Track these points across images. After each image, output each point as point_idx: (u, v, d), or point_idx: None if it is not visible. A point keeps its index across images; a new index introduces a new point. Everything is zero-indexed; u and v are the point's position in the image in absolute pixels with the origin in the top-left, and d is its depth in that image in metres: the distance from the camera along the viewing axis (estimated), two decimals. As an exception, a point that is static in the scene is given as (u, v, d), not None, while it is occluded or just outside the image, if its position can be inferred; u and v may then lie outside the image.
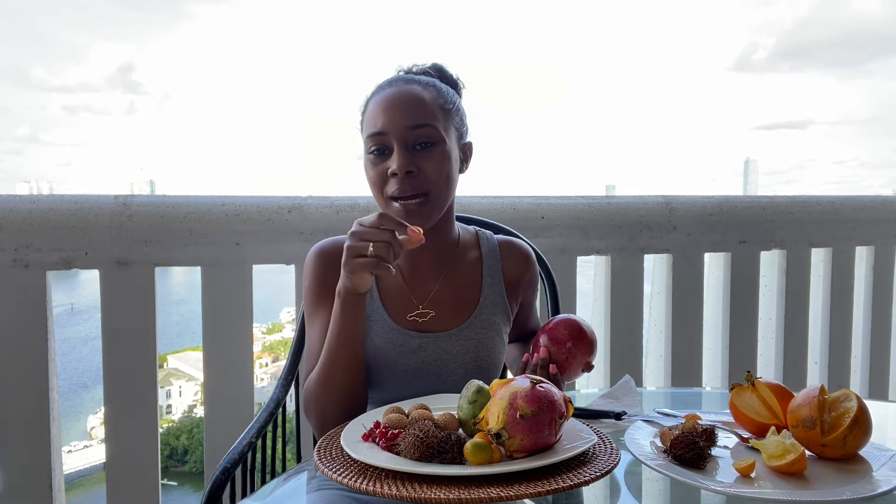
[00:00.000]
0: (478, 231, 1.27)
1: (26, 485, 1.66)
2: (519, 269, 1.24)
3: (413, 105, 1.08)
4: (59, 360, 1.73)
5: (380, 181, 1.09)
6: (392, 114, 1.07)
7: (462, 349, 1.15)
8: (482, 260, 1.22)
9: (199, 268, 1.76)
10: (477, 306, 1.18)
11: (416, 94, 1.09)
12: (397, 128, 1.07)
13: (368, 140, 1.09)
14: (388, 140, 1.07)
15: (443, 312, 1.17)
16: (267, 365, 18.86)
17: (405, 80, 1.12)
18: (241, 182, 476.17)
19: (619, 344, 2.11)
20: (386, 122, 1.07)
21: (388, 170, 1.07)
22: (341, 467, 0.80)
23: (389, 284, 1.18)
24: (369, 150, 1.09)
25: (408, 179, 1.06)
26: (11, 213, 1.63)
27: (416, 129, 1.07)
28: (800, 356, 2.35)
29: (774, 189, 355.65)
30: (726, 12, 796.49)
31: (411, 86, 1.11)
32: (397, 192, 1.07)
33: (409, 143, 1.07)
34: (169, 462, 15.90)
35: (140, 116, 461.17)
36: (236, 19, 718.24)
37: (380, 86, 1.13)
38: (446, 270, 1.19)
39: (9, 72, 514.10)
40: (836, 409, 0.87)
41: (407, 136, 1.07)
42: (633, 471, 0.90)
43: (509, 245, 1.26)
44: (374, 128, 1.08)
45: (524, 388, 0.81)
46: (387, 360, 1.13)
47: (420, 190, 1.07)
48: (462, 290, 1.19)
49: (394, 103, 1.08)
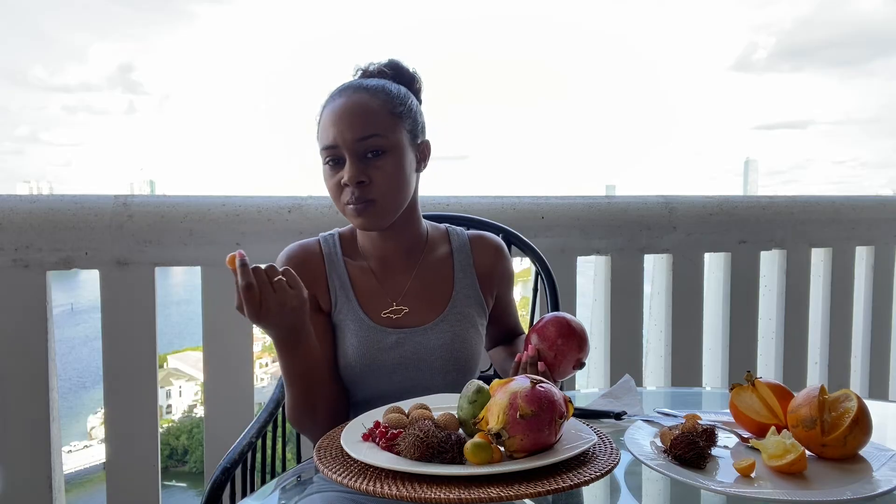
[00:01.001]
0: (448, 227, 1.29)
1: (26, 485, 1.66)
2: (490, 261, 1.26)
3: (360, 116, 1.10)
4: (59, 360, 1.73)
5: (335, 190, 1.12)
6: (341, 126, 1.10)
7: (438, 342, 1.16)
8: (453, 254, 1.24)
9: (199, 268, 1.76)
10: (450, 300, 1.20)
11: (364, 104, 1.11)
12: (346, 141, 1.09)
13: (323, 152, 1.12)
14: (340, 152, 1.10)
15: (417, 308, 1.19)
16: (267, 365, 18.85)
17: (354, 89, 1.13)
18: (241, 182, 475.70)
19: (619, 344, 2.11)
20: (335, 135, 1.10)
21: (341, 180, 1.10)
22: (341, 467, 0.80)
23: (363, 284, 1.19)
24: (325, 160, 1.12)
25: (359, 188, 1.09)
26: (11, 213, 1.63)
27: (364, 141, 1.09)
28: (800, 356, 2.35)
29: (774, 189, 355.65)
30: (726, 12, 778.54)
31: (359, 94, 1.12)
32: (351, 200, 1.10)
33: (360, 153, 1.10)
34: (169, 462, 15.89)
35: (140, 116, 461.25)
36: (237, 19, 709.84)
37: (331, 95, 1.15)
38: (417, 266, 1.21)
39: (8, 71, 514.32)
40: (836, 409, 0.87)
41: (356, 147, 1.09)
42: (633, 471, 0.90)
43: (480, 239, 1.28)
44: (326, 140, 1.11)
45: (524, 388, 0.81)
46: (365, 358, 1.14)
47: (371, 196, 1.10)
48: (434, 284, 1.21)
49: (342, 115, 1.10)
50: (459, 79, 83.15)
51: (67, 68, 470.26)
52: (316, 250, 1.21)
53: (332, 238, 1.23)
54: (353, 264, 1.20)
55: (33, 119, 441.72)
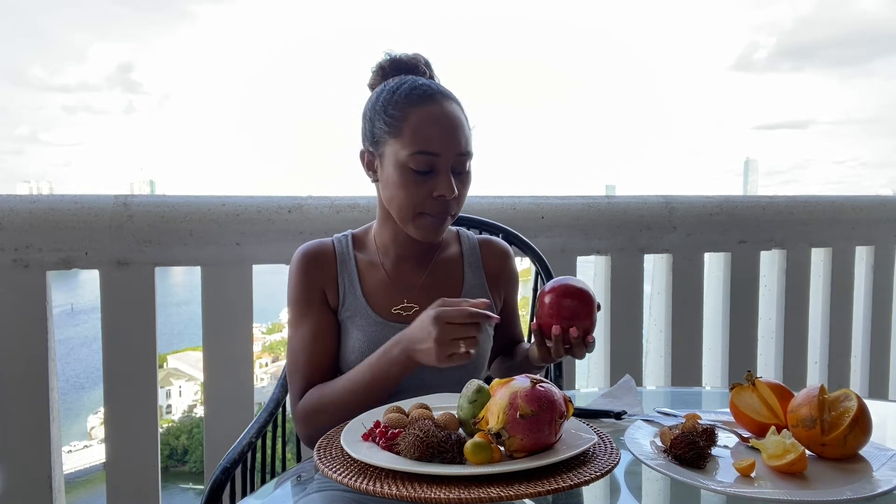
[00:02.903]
0: (458, 229, 1.31)
1: (26, 485, 1.66)
2: (499, 262, 1.28)
3: (462, 130, 1.11)
4: (58, 360, 1.73)
5: (420, 199, 1.10)
6: (446, 137, 1.09)
7: None
8: (463, 255, 1.26)
9: (199, 268, 1.76)
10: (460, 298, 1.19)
11: (460, 118, 1.12)
12: (450, 153, 1.09)
13: (417, 157, 1.08)
14: (439, 162, 1.09)
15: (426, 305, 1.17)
16: (267, 365, 18.85)
17: (444, 96, 1.12)
18: (241, 182, 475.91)
19: (619, 344, 2.11)
20: (441, 145, 1.08)
21: (431, 190, 1.09)
22: (341, 467, 0.80)
23: (373, 281, 1.19)
24: (413, 165, 1.09)
25: (449, 203, 1.11)
26: (11, 213, 1.63)
27: (463, 157, 1.11)
28: (800, 356, 2.35)
29: (774, 189, 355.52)
30: (727, 12, 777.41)
31: (452, 105, 1.12)
32: (437, 212, 1.11)
33: (453, 167, 1.10)
34: (169, 462, 15.89)
35: (139, 116, 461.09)
36: (237, 19, 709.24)
37: (418, 95, 1.11)
38: (429, 265, 1.22)
39: (7, 71, 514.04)
40: (836, 409, 0.87)
41: (455, 161, 1.10)
42: (633, 471, 0.90)
43: (488, 242, 1.30)
44: (425, 146, 1.08)
45: (524, 388, 0.81)
46: (370, 353, 1.13)
47: (452, 212, 1.13)
48: (444, 283, 1.22)
49: (447, 126, 1.10)
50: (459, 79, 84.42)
51: (67, 68, 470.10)
52: (329, 249, 1.21)
53: (346, 238, 1.24)
54: (364, 262, 1.21)
55: (33, 119, 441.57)
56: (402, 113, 1.09)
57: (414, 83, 1.13)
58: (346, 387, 1.10)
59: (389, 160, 1.11)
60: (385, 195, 1.15)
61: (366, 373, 1.08)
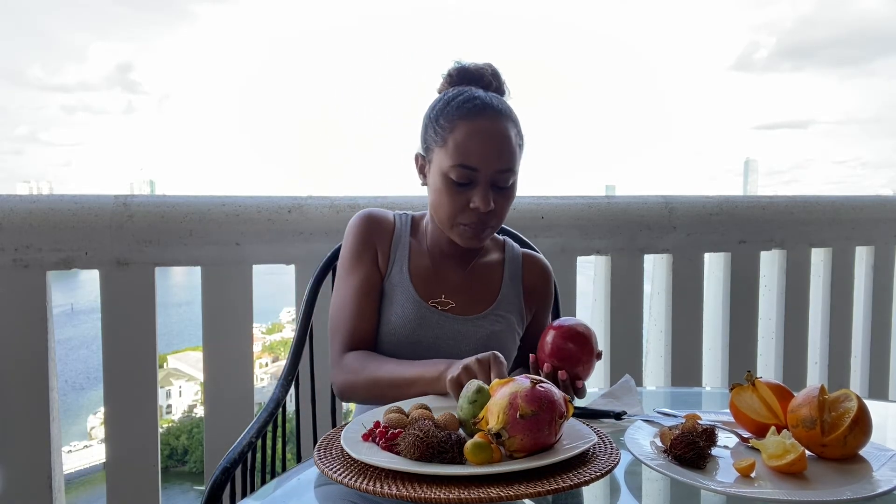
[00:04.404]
0: (505, 238, 1.35)
1: (26, 485, 1.66)
2: (538, 280, 1.32)
3: (505, 148, 1.13)
4: (58, 360, 1.73)
5: (456, 207, 1.14)
6: (486, 153, 1.12)
7: (476, 334, 1.21)
8: (504, 263, 1.30)
9: (199, 268, 1.76)
10: (495, 301, 1.25)
11: (507, 135, 1.14)
12: (489, 169, 1.12)
13: (457, 169, 1.12)
14: (476, 176, 1.13)
15: (462, 303, 1.24)
16: (267, 365, 18.85)
17: (497, 112, 1.15)
18: (241, 182, 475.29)
19: (619, 344, 2.11)
20: (480, 160, 1.12)
21: (468, 202, 1.13)
22: (341, 467, 0.80)
23: (419, 266, 1.24)
24: (453, 177, 1.13)
25: (485, 215, 1.14)
26: (11, 213, 1.63)
27: (503, 173, 1.14)
28: (800, 356, 2.35)
29: (774, 189, 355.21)
30: (727, 11, 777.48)
31: (503, 122, 1.14)
32: (473, 223, 1.15)
33: (493, 183, 1.13)
34: (169, 462, 15.89)
35: (138, 116, 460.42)
36: (237, 19, 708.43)
37: (470, 109, 1.13)
38: (470, 266, 1.27)
39: (7, 71, 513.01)
40: (836, 409, 0.87)
41: (494, 177, 1.13)
42: (633, 471, 0.90)
43: (532, 257, 1.34)
44: (465, 160, 1.12)
45: (524, 388, 0.81)
46: (406, 329, 1.19)
47: (491, 224, 1.17)
48: (482, 285, 1.26)
49: (489, 142, 1.12)
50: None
51: (66, 68, 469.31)
52: (390, 220, 1.27)
53: (406, 217, 1.29)
54: (415, 246, 1.26)
55: (32, 119, 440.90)
56: (451, 125, 1.14)
57: (468, 96, 1.16)
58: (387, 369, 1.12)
59: (435, 167, 1.16)
60: (430, 199, 1.20)
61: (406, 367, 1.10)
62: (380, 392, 1.11)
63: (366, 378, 1.14)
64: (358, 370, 1.16)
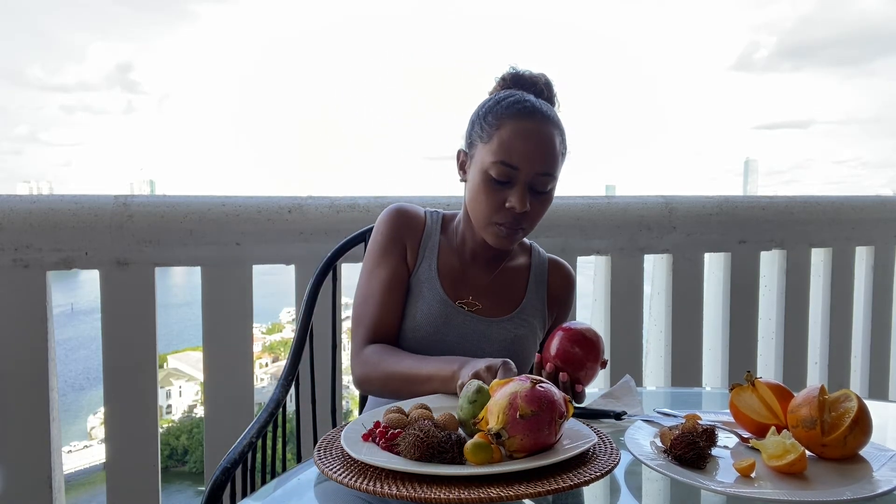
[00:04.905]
0: (532, 243, 1.36)
1: (26, 485, 1.66)
2: (562, 286, 1.33)
3: (548, 152, 1.14)
4: (58, 360, 1.73)
5: (492, 206, 1.14)
6: (529, 154, 1.12)
7: (499, 336, 1.22)
8: (531, 268, 1.31)
9: (199, 268, 1.76)
10: (519, 306, 1.26)
11: (552, 140, 1.14)
12: (530, 170, 1.12)
13: (498, 166, 1.12)
14: (516, 175, 1.13)
15: (488, 305, 1.24)
16: (267, 365, 18.86)
17: (544, 116, 1.15)
18: (241, 182, 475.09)
19: (619, 344, 2.11)
20: (522, 159, 1.12)
21: (505, 200, 1.13)
22: (341, 467, 0.80)
23: (447, 265, 1.25)
24: (493, 173, 1.13)
25: (520, 216, 1.14)
26: (11, 213, 1.63)
27: (542, 176, 1.14)
28: (800, 356, 2.35)
29: (774, 189, 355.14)
30: (727, 11, 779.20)
31: (549, 127, 1.15)
32: (507, 223, 1.15)
33: (531, 185, 1.13)
34: (169, 462, 15.89)
35: (138, 116, 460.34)
36: (238, 19, 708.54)
37: (520, 110, 1.14)
38: (497, 269, 1.27)
39: (6, 71, 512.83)
40: (836, 409, 0.87)
41: (534, 179, 1.13)
42: (633, 471, 0.90)
43: (558, 265, 1.35)
44: (508, 157, 1.12)
45: (524, 388, 0.81)
46: (431, 326, 1.19)
47: (524, 226, 1.17)
48: (508, 289, 1.27)
49: (534, 144, 1.12)
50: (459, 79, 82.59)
51: (66, 68, 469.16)
52: (421, 217, 1.27)
53: (437, 215, 1.29)
54: (444, 244, 1.26)
55: (32, 119, 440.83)
56: (498, 122, 1.14)
57: (519, 98, 1.16)
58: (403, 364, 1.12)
59: (476, 164, 1.16)
60: (467, 196, 1.20)
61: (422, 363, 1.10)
62: (395, 387, 1.11)
63: (382, 372, 1.14)
64: (376, 364, 1.16)
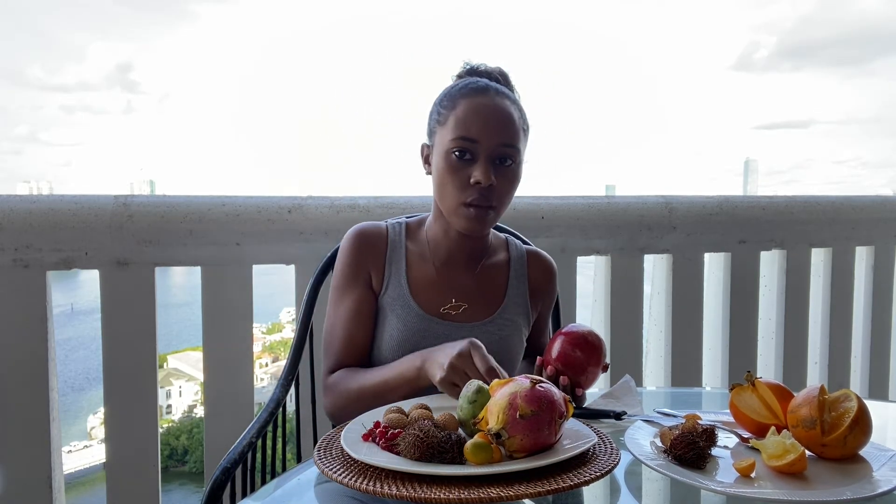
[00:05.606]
0: (507, 237, 1.34)
1: (26, 485, 1.66)
2: (542, 278, 1.31)
3: (506, 122, 1.13)
4: (58, 360, 1.73)
5: (459, 184, 1.13)
6: (487, 126, 1.11)
7: (484, 340, 1.18)
8: (510, 263, 1.28)
9: (199, 268, 1.76)
10: (502, 305, 1.24)
11: (508, 112, 1.14)
12: (489, 141, 1.11)
13: (457, 141, 1.12)
14: (476, 149, 1.12)
15: (470, 306, 1.22)
16: (267, 365, 18.88)
17: (497, 92, 1.15)
18: (241, 182, 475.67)
19: (619, 344, 2.11)
20: (480, 131, 1.11)
21: (469, 177, 1.12)
22: (341, 467, 0.80)
23: (420, 275, 1.22)
24: (454, 150, 1.12)
25: (487, 191, 1.12)
26: (11, 213, 1.63)
27: (504, 147, 1.13)
28: (800, 356, 2.35)
29: (774, 189, 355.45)
30: (727, 11, 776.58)
31: (503, 100, 1.15)
32: (476, 200, 1.12)
33: (494, 158, 1.12)
34: (169, 462, 15.90)
35: (138, 116, 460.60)
36: (238, 19, 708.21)
37: (472, 88, 1.15)
38: (477, 268, 1.25)
39: (6, 71, 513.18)
40: (836, 409, 0.87)
41: (494, 150, 1.12)
42: (633, 471, 0.90)
43: (536, 255, 1.32)
44: (466, 132, 1.12)
45: (524, 388, 0.81)
46: (407, 343, 1.17)
47: (492, 203, 1.14)
48: (489, 288, 1.25)
49: (490, 115, 1.12)
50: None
51: (66, 68, 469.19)
52: (382, 233, 1.24)
53: (400, 226, 1.26)
54: (414, 254, 1.24)
55: (32, 119, 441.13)
56: (453, 103, 1.14)
57: (472, 81, 1.17)
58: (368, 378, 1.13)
59: (438, 149, 1.16)
60: (435, 184, 1.18)
61: (386, 371, 1.11)
62: (367, 404, 1.07)
63: (350, 393, 1.14)
64: (342, 388, 1.16)
